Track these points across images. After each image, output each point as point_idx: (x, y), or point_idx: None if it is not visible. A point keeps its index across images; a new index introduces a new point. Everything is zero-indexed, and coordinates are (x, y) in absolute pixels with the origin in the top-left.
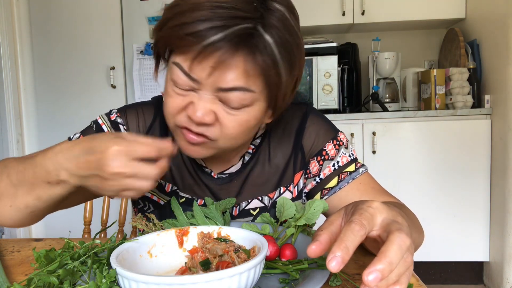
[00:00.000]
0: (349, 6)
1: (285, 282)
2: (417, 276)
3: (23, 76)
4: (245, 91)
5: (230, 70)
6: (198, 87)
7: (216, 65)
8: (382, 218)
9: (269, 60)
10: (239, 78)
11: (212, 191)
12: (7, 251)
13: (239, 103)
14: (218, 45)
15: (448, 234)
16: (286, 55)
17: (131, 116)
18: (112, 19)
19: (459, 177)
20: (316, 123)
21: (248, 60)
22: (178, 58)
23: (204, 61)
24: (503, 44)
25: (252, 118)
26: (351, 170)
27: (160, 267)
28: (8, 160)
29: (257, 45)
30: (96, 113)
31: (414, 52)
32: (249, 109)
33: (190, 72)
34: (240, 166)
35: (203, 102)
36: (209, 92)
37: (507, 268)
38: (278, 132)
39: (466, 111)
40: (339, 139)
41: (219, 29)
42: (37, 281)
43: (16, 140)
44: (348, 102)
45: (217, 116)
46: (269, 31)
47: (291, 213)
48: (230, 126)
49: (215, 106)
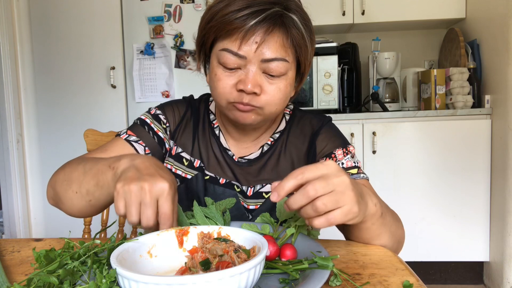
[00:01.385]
0: (349, 6)
1: (285, 282)
2: (417, 276)
3: (23, 76)
4: (283, 61)
5: (271, 44)
6: (245, 63)
7: (260, 41)
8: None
9: (298, 34)
10: (278, 50)
11: (233, 172)
12: (7, 251)
13: (278, 72)
14: (260, 25)
15: (448, 234)
16: (308, 31)
17: (168, 109)
18: (112, 19)
19: (459, 177)
20: (331, 131)
21: (283, 35)
22: (225, 44)
23: (251, 38)
24: (503, 44)
25: (287, 85)
26: (354, 172)
27: (160, 267)
28: (90, 154)
29: (288, 24)
30: (96, 113)
31: (414, 52)
32: (285, 77)
33: (238, 51)
34: (259, 154)
35: (251, 76)
36: (255, 66)
37: (507, 268)
38: (297, 131)
39: (466, 111)
40: (348, 150)
41: (258, 13)
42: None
43: (16, 140)
44: (348, 102)
45: (262, 87)
46: (293, 12)
47: (291, 213)
48: (272, 94)
49: (260, 78)
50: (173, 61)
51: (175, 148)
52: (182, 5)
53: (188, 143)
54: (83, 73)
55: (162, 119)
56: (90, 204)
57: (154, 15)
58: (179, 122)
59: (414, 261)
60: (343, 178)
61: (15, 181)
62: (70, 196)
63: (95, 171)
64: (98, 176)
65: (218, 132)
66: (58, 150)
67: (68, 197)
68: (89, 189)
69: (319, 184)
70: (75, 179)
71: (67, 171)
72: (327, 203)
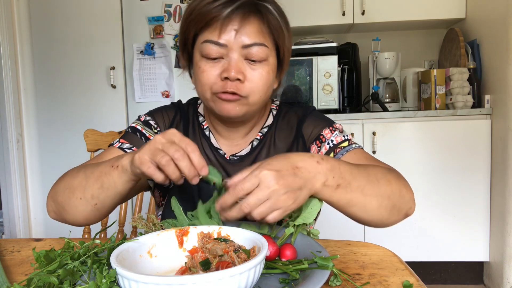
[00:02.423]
0: (349, 6)
1: (285, 282)
2: (417, 276)
3: (23, 76)
4: (262, 45)
5: (249, 29)
6: (226, 52)
7: (238, 27)
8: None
9: (274, 20)
10: (256, 35)
11: (226, 170)
12: (7, 251)
13: (259, 56)
14: (236, 12)
15: (448, 234)
16: (284, 19)
17: (157, 115)
18: (112, 19)
19: (459, 177)
20: (315, 117)
21: (260, 21)
22: (206, 36)
23: (229, 26)
24: (503, 44)
25: (269, 71)
26: (345, 145)
27: (160, 267)
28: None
29: (263, 11)
30: (96, 113)
31: (414, 52)
32: (266, 63)
33: (219, 40)
34: (249, 149)
35: (234, 63)
36: (237, 53)
37: (507, 268)
38: (283, 124)
39: (466, 111)
40: (335, 127)
41: (232, 1)
42: (37, 281)
43: (16, 140)
44: (348, 102)
45: (245, 74)
46: (267, 1)
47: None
48: (256, 80)
49: (243, 65)
50: (173, 61)
51: None
52: (182, 5)
53: None
54: (83, 73)
55: (153, 125)
56: (96, 208)
57: (154, 15)
58: (169, 126)
59: (414, 261)
60: (273, 188)
61: (15, 181)
62: (74, 203)
63: (97, 174)
64: (102, 178)
65: (208, 133)
66: (58, 150)
67: (72, 205)
68: (93, 193)
69: (251, 200)
70: (78, 186)
71: (67, 180)
72: (262, 213)
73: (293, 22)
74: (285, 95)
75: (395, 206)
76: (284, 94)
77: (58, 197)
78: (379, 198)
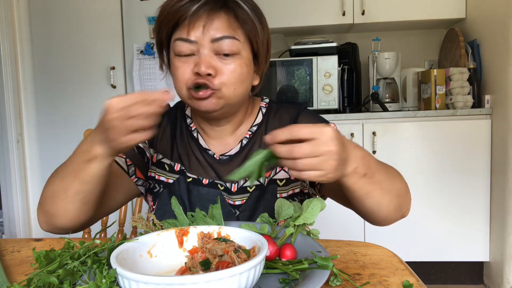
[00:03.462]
0: (349, 6)
1: (285, 282)
2: (417, 276)
3: (23, 76)
4: (232, 38)
5: (217, 24)
6: (197, 48)
7: (206, 23)
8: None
9: (244, 15)
10: (225, 29)
11: (215, 170)
12: (7, 251)
13: (230, 50)
14: (203, 8)
15: (448, 234)
16: (255, 13)
17: None
18: (112, 19)
19: (459, 177)
20: (308, 116)
21: (228, 15)
22: (177, 35)
23: (197, 22)
24: (503, 44)
25: (242, 64)
26: None
27: (160, 267)
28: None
29: (231, 5)
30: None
31: (414, 52)
32: (238, 56)
33: (188, 37)
34: (239, 148)
35: (204, 59)
36: (207, 48)
37: (507, 268)
38: (275, 121)
39: (466, 111)
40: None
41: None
42: (37, 281)
43: (16, 140)
44: (348, 102)
45: (216, 69)
46: None
47: (289, 213)
48: (228, 73)
49: (214, 60)
50: None
51: (155, 155)
52: None
53: (168, 149)
54: (83, 73)
55: None
56: (84, 202)
57: (154, 15)
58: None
59: (414, 261)
60: (330, 148)
61: (15, 181)
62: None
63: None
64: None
65: (196, 134)
66: (58, 150)
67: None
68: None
69: (306, 148)
70: (57, 190)
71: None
72: (307, 165)
73: (293, 22)
74: (285, 95)
75: (400, 205)
76: (284, 94)
77: (44, 207)
78: (392, 195)
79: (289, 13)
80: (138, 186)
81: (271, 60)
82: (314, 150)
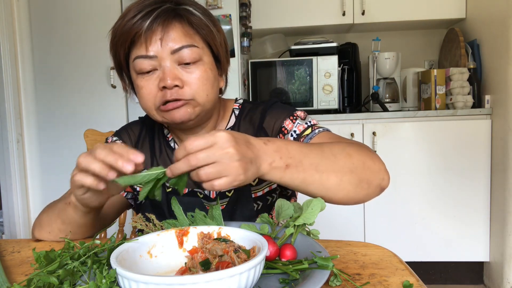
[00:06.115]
0: (349, 6)
1: (285, 282)
2: (417, 276)
3: (23, 76)
4: (191, 46)
5: (173, 35)
6: (158, 63)
7: (162, 36)
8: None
9: (198, 20)
10: (182, 38)
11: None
12: (7, 251)
13: (191, 58)
14: (156, 22)
15: (448, 234)
16: (208, 17)
17: (123, 133)
18: (112, 19)
19: (459, 177)
20: (275, 110)
21: (183, 24)
22: (135, 52)
23: (153, 37)
24: (503, 44)
25: (207, 69)
26: (308, 133)
27: (160, 267)
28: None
29: (183, 14)
30: (96, 113)
31: (414, 52)
32: (201, 63)
33: (148, 53)
34: None
35: (168, 70)
36: (168, 60)
37: (507, 268)
38: (246, 123)
39: (466, 111)
40: (295, 115)
41: (150, 12)
42: (37, 282)
43: (16, 140)
44: (348, 102)
45: (182, 79)
46: (186, 4)
47: (289, 213)
48: (195, 82)
49: (178, 71)
50: None
51: None
52: None
53: (147, 160)
54: (83, 73)
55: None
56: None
57: None
58: (135, 143)
59: (414, 261)
60: (227, 149)
61: (15, 181)
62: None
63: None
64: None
65: (173, 144)
66: (58, 150)
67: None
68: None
69: (201, 155)
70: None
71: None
72: (209, 174)
73: (293, 22)
74: (285, 95)
75: (362, 180)
76: (284, 94)
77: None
78: (338, 174)
79: (289, 13)
80: (128, 199)
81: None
82: (210, 155)
